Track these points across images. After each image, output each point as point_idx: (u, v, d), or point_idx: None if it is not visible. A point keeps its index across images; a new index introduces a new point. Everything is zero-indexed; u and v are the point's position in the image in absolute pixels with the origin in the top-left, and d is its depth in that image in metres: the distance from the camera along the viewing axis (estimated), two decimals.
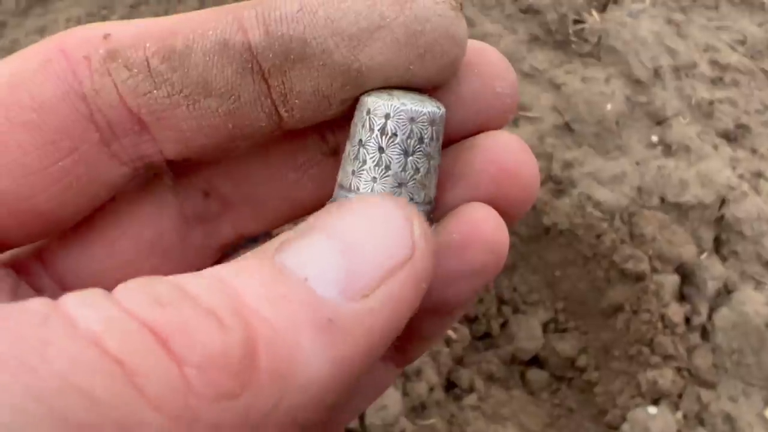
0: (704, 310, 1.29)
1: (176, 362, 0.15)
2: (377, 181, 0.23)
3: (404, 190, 0.23)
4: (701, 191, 1.37)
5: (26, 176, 0.22)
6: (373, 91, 0.23)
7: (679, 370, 1.22)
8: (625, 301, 1.26)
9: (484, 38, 1.51)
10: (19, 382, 0.14)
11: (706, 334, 1.29)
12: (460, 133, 0.25)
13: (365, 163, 0.23)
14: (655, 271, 1.28)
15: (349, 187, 0.23)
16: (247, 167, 0.27)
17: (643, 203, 1.37)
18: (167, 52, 0.22)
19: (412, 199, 0.23)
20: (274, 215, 0.28)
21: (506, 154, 0.25)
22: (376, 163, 0.23)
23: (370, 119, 0.23)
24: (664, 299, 1.25)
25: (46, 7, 1.55)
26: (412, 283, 0.20)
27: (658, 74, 1.51)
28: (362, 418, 1.09)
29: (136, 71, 0.22)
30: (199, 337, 0.16)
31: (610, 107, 1.44)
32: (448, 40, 0.22)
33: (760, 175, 1.45)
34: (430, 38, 0.22)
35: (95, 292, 0.17)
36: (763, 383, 1.25)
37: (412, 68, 0.23)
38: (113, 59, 0.22)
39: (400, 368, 0.28)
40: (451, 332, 1.23)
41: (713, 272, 1.32)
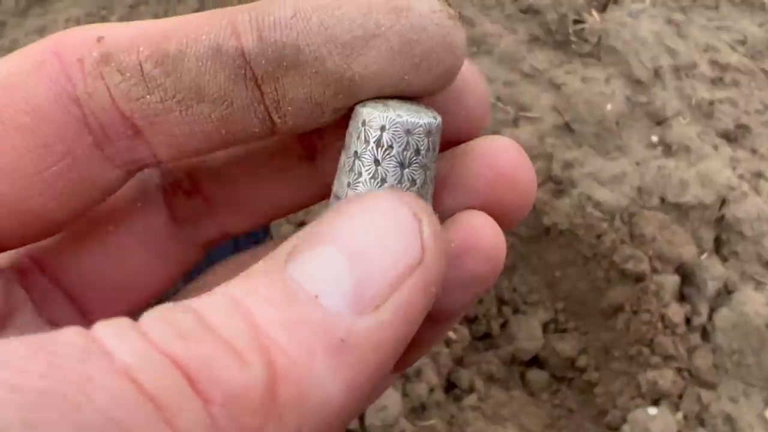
0: (704, 310, 1.29)
1: (202, 399, 0.16)
2: None
3: None
4: (701, 191, 1.37)
5: (20, 180, 0.22)
6: (368, 101, 0.23)
7: (679, 370, 1.22)
8: (625, 301, 1.26)
9: (484, 38, 1.51)
10: (66, 419, 0.14)
11: (706, 334, 1.29)
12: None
13: (361, 175, 0.23)
14: (655, 271, 1.28)
15: (345, 198, 0.23)
16: (226, 168, 0.27)
17: (643, 203, 1.37)
18: (160, 56, 0.21)
19: None
20: (255, 216, 0.28)
21: (502, 158, 0.24)
22: (371, 175, 0.22)
23: (365, 131, 0.22)
24: (664, 299, 1.25)
25: (45, 7, 1.55)
26: (423, 288, 0.19)
27: (658, 74, 1.51)
28: (362, 418, 1.08)
29: (128, 75, 0.22)
30: (222, 374, 0.16)
31: (610, 107, 1.44)
32: (444, 49, 0.22)
33: (760, 175, 1.45)
34: (425, 47, 0.22)
35: (123, 322, 0.17)
36: (763, 384, 1.25)
37: (407, 78, 0.22)
38: (106, 63, 0.22)
39: (395, 375, 0.27)
40: (450, 333, 1.22)
41: (713, 272, 1.31)
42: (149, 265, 0.27)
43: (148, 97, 0.22)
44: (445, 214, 0.24)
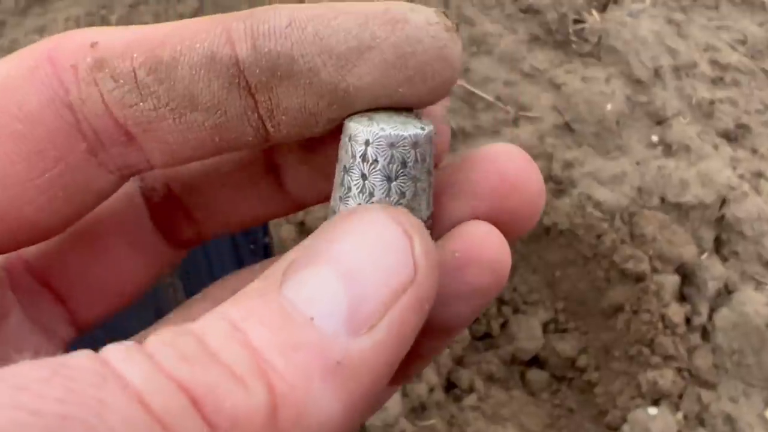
0: (705, 310, 1.29)
1: (208, 425, 0.16)
2: None
3: None
4: (701, 191, 1.37)
5: (13, 187, 0.22)
6: (355, 115, 0.23)
7: (679, 370, 1.22)
8: (625, 301, 1.26)
9: (484, 38, 1.51)
10: None
11: (706, 334, 1.29)
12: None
13: (350, 189, 0.23)
14: (655, 271, 1.28)
15: (338, 212, 0.23)
16: (196, 177, 0.27)
17: (643, 203, 1.37)
18: (154, 63, 0.21)
19: None
20: (225, 224, 0.28)
21: (509, 165, 0.24)
22: (360, 190, 0.22)
23: (351, 146, 0.22)
24: (664, 299, 1.25)
25: (45, 6, 1.54)
26: (416, 305, 0.19)
27: (658, 74, 1.51)
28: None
29: (122, 82, 0.21)
30: (227, 400, 0.17)
31: (610, 107, 1.44)
32: (440, 62, 0.22)
33: (760, 175, 1.45)
34: (421, 60, 0.21)
35: (129, 346, 0.17)
36: (763, 384, 1.25)
37: (401, 90, 0.22)
38: (100, 69, 0.21)
39: (396, 387, 0.27)
40: None
41: (714, 272, 1.31)
42: (133, 264, 0.28)
43: (141, 104, 0.22)
44: (451, 222, 0.24)
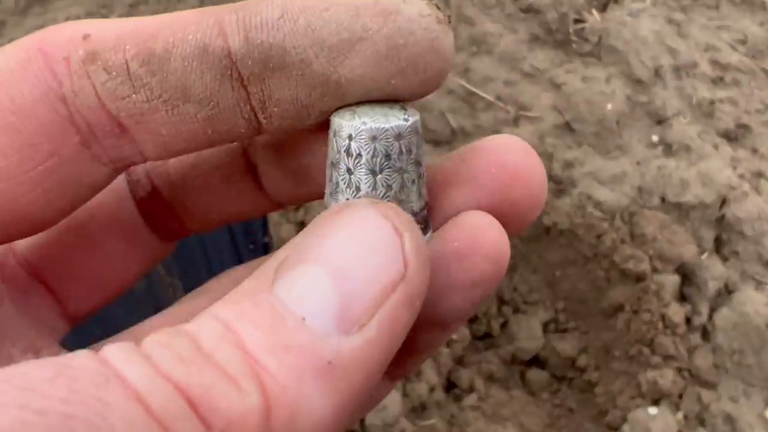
0: (705, 310, 1.29)
1: (205, 426, 0.17)
2: None
3: None
4: (702, 191, 1.37)
5: (7, 179, 0.22)
6: (339, 109, 0.23)
7: (679, 370, 1.22)
8: (625, 301, 1.26)
9: (484, 37, 1.50)
10: None
11: (706, 334, 1.29)
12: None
13: (338, 185, 0.23)
14: (655, 271, 1.28)
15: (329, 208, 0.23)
16: (178, 174, 0.27)
17: (643, 203, 1.36)
18: (147, 55, 0.21)
19: None
20: (208, 220, 0.28)
21: (511, 156, 0.24)
22: (347, 185, 0.22)
23: (336, 141, 0.22)
24: (664, 299, 1.25)
25: (45, 6, 1.54)
26: (406, 302, 0.19)
27: (658, 74, 1.51)
28: (362, 419, 1.08)
29: (114, 74, 0.21)
30: (222, 402, 0.17)
31: (610, 107, 1.44)
32: (432, 54, 0.22)
33: (760, 174, 1.45)
34: (412, 52, 0.21)
35: (128, 346, 0.17)
36: (763, 384, 1.25)
37: (393, 82, 0.22)
38: (92, 61, 0.21)
39: (395, 382, 0.27)
40: None
41: (714, 272, 1.31)
42: (124, 257, 0.28)
43: (134, 96, 0.22)
44: (453, 212, 0.24)
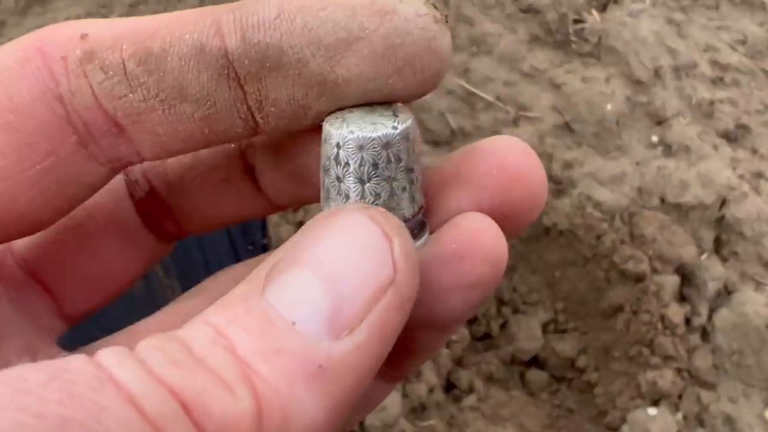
0: (704, 310, 1.29)
1: (198, 429, 0.17)
2: None
3: None
4: (701, 192, 1.37)
5: (5, 179, 0.22)
6: (332, 114, 0.23)
7: (679, 371, 1.22)
8: (625, 301, 1.26)
9: (483, 38, 1.50)
10: None
11: (706, 335, 1.29)
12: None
13: (329, 191, 0.23)
14: (655, 271, 1.28)
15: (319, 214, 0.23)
16: (176, 175, 0.27)
17: (643, 203, 1.36)
18: (144, 54, 0.21)
19: None
20: (205, 222, 0.28)
21: (510, 157, 0.24)
22: (337, 192, 0.22)
23: (326, 148, 0.22)
24: (664, 300, 1.25)
25: (45, 6, 1.54)
26: (396, 307, 0.19)
27: (658, 74, 1.51)
28: (361, 420, 1.08)
29: (111, 73, 0.21)
30: (215, 406, 0.17)
31: (610, 107, 1.44)
32: (429, 54, 0.22)
33: (760, 175, 1.45)
34: (409, 51, 0.21)
35: (122, 351, 0.17)
36: (763, 384, 1.25)
37: (390, 81, 0.22)
38: (89, 60, 0.21)
39: (394, 383, 0.27)
40: None
41: (713, 273, 1.31)
42: (121, 257, 0.28)
43: (131, 95, 0.22)
44: (452, 213, 0.24)
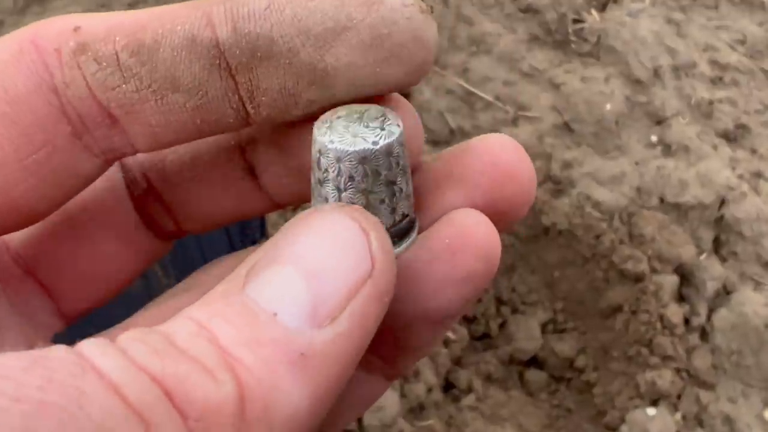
0: (703, 310, 1.29)
1: (181, 415, 0.17)
2: None
3: None
4: (701, 191, 1.37)
5: (1, 170, 0.22)
6: (323, 115, 0.23)
7: (678, 371, 1.22)
8: (624, 301, 1.26)
9: (483, 37, 1.50)
10: (64, 429, 0.15)
11: (705, 334, 1.29)
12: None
13: (313, 192, 0.23)
14: (654, 271, 1.28)
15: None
16: (175, 172, 0.27)
17: (642, 203, 1.36)
18: (136, 46, 0.22)
19: None
20: (204, 220, 0.29)
21: (501, 155, 0.24)
22: (318, 193, 0.23)
23: (312, 150, 0.23)
24: (663, 300, 1.25)
25: (43, 5, 1.54)
26: (375, 297, 0.20)
27: (657, 74, 1.51)
28: (360, 419, 1.08)
29: (105, 65, 0.22)
30: (197, 391, 0.17)
31: (609, 107, 1.44)
32: (415, 43, 0.22)
33: (759, 175, 1.45)
34: (396, 41, 0.22)
35: (103, 341, 0.18)
36: (762, 384, 1.25)
37: (379, 70, 0.22)
38: (83, 52, 0.22)
39: (390, 381, 0.28)
40: (449, 333, 1.22)
41: (712, 273, 1.31)
42: (119, 255, 0.28)
43: (124, 86, 0.22)
44: (445, 210, 0.24)
